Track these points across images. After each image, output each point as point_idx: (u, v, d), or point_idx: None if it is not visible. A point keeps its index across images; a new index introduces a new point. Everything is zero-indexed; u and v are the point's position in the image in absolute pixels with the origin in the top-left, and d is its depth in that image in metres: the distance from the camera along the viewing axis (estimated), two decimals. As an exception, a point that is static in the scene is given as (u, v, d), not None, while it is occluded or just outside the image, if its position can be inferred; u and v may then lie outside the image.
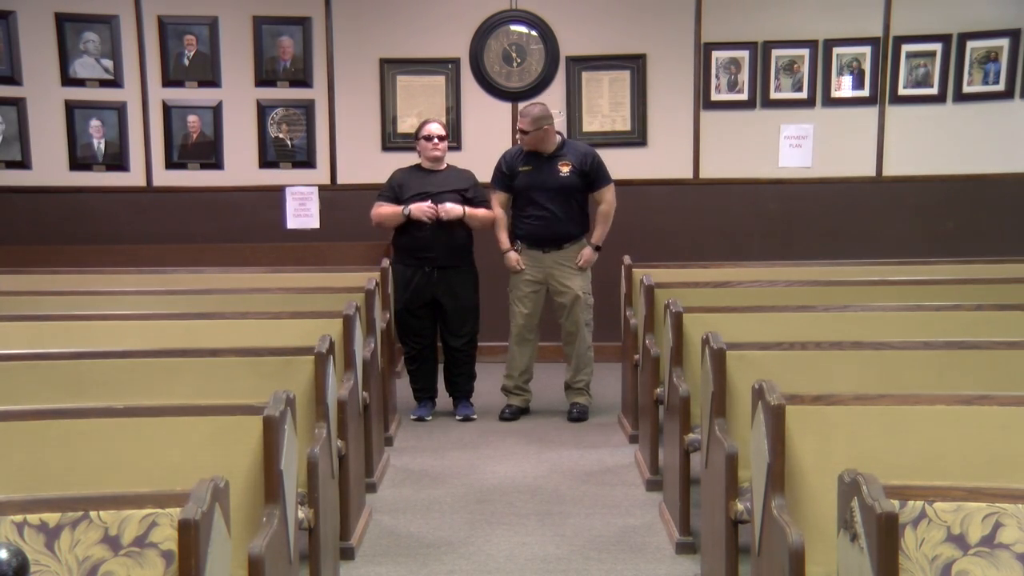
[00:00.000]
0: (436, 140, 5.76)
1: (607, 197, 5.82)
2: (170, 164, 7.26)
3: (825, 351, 3.59)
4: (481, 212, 5.77)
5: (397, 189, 5.77)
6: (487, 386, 6.13)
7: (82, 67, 7.16)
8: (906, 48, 7.15)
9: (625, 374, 5.68)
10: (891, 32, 7.15)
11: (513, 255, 5.82)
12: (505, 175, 5.83)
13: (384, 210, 5.75)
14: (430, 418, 5.91)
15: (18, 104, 7.15)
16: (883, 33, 7.16)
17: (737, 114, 7.24)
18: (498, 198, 5.86)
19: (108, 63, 7.16)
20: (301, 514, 3.14)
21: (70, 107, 7.18)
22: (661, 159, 7.21)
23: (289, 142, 7.29)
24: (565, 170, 5.74)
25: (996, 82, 7.11)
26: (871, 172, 7.29)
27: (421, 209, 5.64)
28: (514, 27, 7.24)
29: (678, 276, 5.21)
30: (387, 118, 7.26)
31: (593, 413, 5.94)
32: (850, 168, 7.27)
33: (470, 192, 5.80)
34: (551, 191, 5.72)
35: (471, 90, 7.27)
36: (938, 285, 4.93)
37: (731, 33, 7.19)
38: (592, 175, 5.79)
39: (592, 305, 5.93)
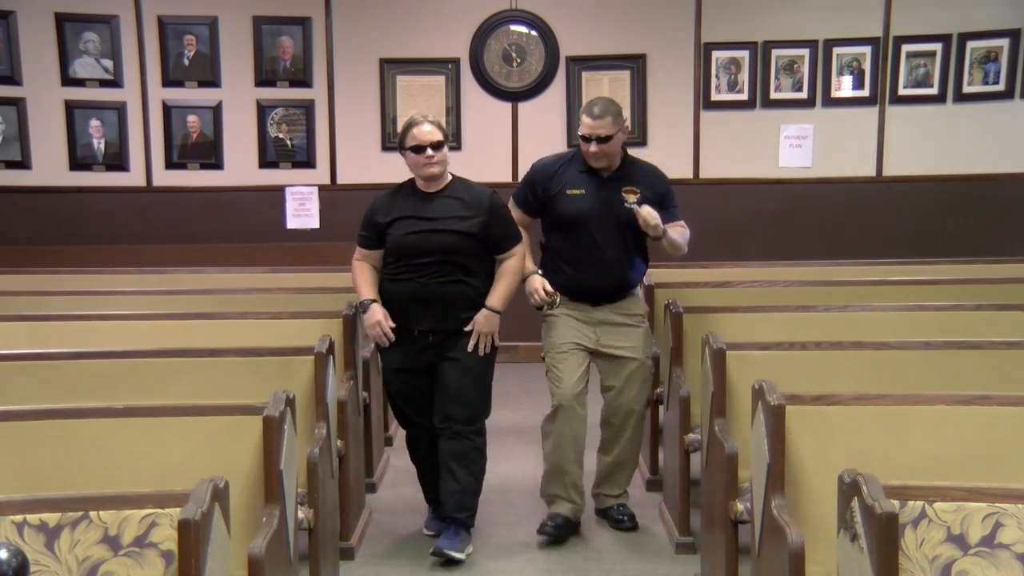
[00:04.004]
0: (430, 151, 3.84)
1: (685, 234, 4.25)
2: (170, 164, 7.26)
3: (825, 351, 3.59)
4: (505, 282, 3.96)
5: (376, 224, 3.95)
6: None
7: (82, 67, 7.16)
8: (906, 48, 7.15)
9: (625, 374, 5.65)
10: (891, 32, 7.15)
11: (538, 280, 4.08)
12: (535, 197, 4.15)
13: (356, 274, 4.02)
14: None
15: (18, 104, 7.15)
16: (883, 33, 7.16)
17: (737, 114, 7.24)
18: (515, 216, 4.14)
19: (108, 63, 7.16)
20: (301, 514, 3.14)
21: (70, 107, 7.17)
22: (661, 159, 7.05)
23: (289, 142, 7.29)
24: (632, 199, 4.05)
25: (996, 82, 7.11)
26: (871, 172, 7.29)
27: (372, 332, 3.92)
28: (514, 27, 7.24)
29: (678, 276, 5.20)
30: (387, 118, 7.25)
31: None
32: (850, 168, 7.27)
33: (489, 229, 3.92)
34: (613, 228, 4.06)
35: (471, 90, 7.27)
36: (938, 285, 4.92)
37: (731, 33, 7.19)
38: (666, 207, 4.12)
39: (654, 374, 4.41)
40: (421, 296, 3.87)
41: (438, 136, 3.86)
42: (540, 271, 4.15)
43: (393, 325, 3.88)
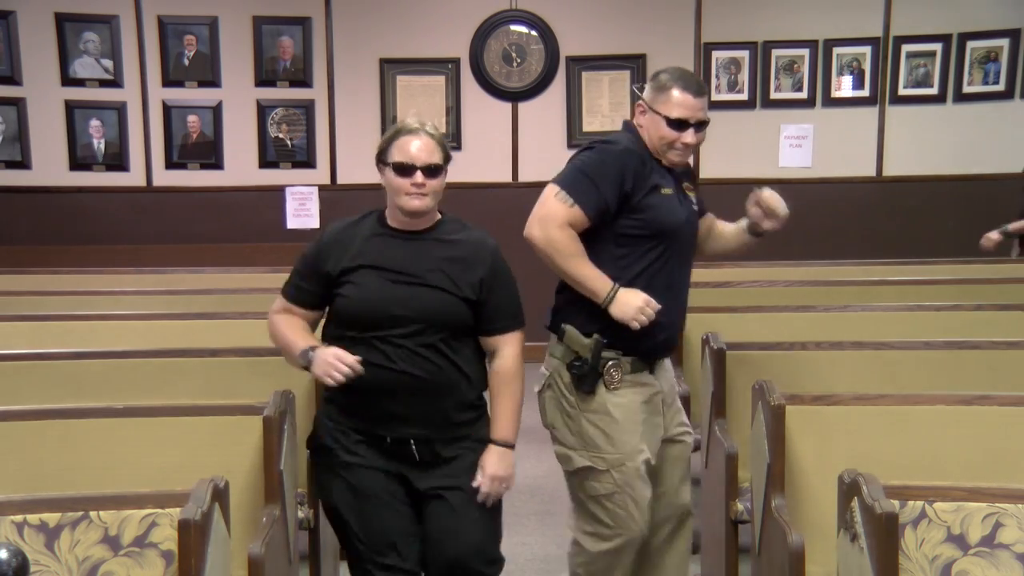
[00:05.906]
0: (420, 176, 2.62)
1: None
2: (170, 164, 7.27)
3: (825, 351, 3.59)
4: (510, 398, 2.72)
5: (320, 274, 2.72)
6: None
7: (82, 67, 7.16)
8: (906, 48, 7.15)
9: (625, 374, 5.64)
10: (891, 32, 7.15)
11: (642, 299, 2.80)
12: (622, 192, 2.81)
13: (279, 326, 2.76)
14: None
15: (18, 104, 7.15)
16: (883, 33, 7.16)
17: (737, 114, 7.24)
18: (570, 219, 2.78)
19: (108, 63, 7.16)
20: (301, 514, 3.15)
21: (70, 107, 7.17)
22: (661, 159, 7.19)
23: (289, 142, 7.29)
24: (692, 196, 3.05)
25: (996, 82, 7.11)
26: (871, 172, 7.29)
27: (327, 370, 2.56)
28: (514, 27, 7.25)
29: (678, 276, 5.19)
30: (387, 118, 7.26)
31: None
32: (850, 168, 7.27)
33: (492, 295, 2.69)
34: (692, 240, 3.06)
35: (471, 90, 7.27)
36: (938, 285, 4.93)
37: (731, 33, 7.19)
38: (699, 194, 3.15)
39: None
40: (396, 387, 2.61)
41: (437, 158, 2.65)
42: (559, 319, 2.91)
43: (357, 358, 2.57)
